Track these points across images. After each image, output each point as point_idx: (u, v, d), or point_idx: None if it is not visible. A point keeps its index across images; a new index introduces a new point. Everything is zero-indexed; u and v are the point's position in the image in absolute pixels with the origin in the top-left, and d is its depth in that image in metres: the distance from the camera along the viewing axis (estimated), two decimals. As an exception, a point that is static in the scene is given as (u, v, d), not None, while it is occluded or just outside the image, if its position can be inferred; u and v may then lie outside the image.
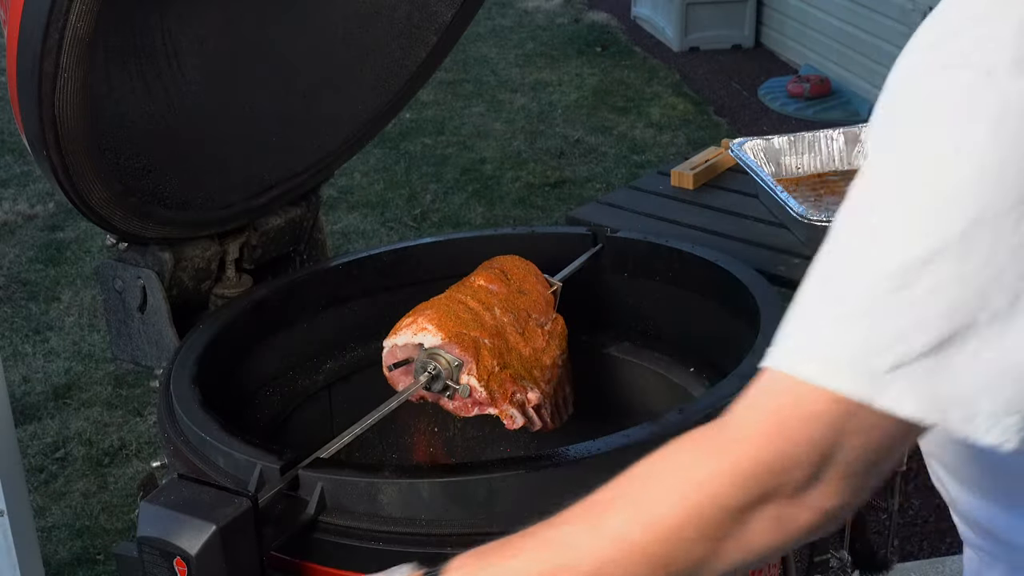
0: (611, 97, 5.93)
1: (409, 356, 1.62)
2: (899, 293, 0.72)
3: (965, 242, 0.70)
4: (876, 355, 0.74)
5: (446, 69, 5.64)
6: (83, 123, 1.47)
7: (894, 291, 0.72)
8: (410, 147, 5.35)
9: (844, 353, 0.75)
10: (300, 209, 1.96)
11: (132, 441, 3.29)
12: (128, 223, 1.66)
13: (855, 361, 0.75)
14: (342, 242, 4.40)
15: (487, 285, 1.70)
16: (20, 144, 1.70)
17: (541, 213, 4.70)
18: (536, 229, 2.11)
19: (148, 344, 1.77)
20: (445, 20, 1.94)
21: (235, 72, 1.82)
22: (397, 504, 1.31)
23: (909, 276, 0.72)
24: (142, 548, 1.23)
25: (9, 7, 1.39)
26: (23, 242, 4.48)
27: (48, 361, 3.69)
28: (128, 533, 2.90)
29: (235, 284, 1.87)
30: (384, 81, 1.97)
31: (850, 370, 0.75)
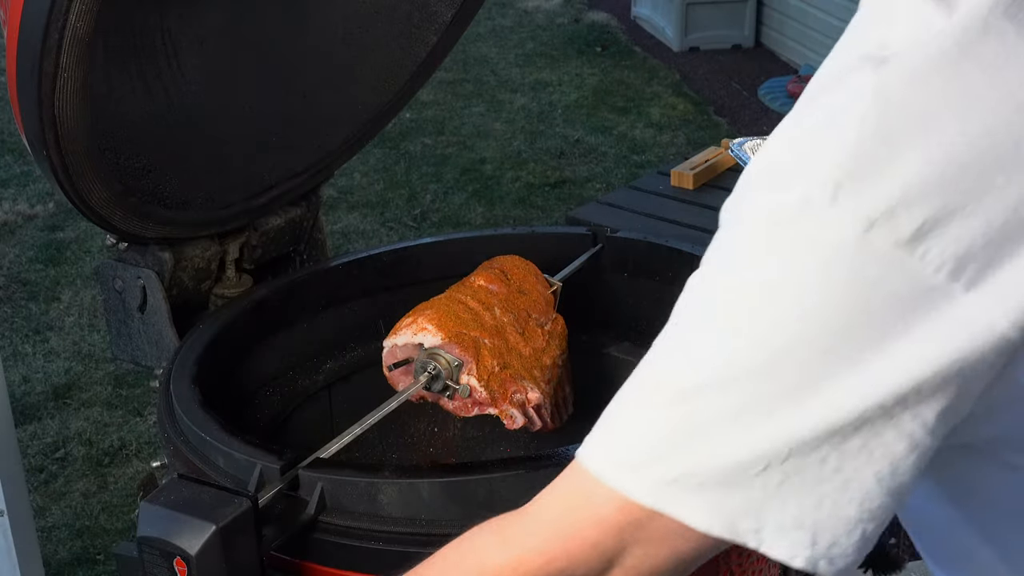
0: (611, 97, 5.93)
1: (409, 356, 1.62)
2: (695, 409, 0.71)
3: (768, 370, 0.69)
4: (667, 464, 0.72)
5: (446, 69, 5.64)
6: (83, 123, 1.47)
7: (691, 406, 0.71)
8: (410, 147, 5.35)
9: (636, 457, 0.73)
10: (300, 209, 1.96)
11: (132, 441, 3.29)
12: (128, 223, 1.66)
13: (645, 467, 0.73)
14: (342, 242, 4.40)
15: (487, 285, 1.70)
16: (20, 144, 1.70)
17: (541, 213, 4.70)
18: (536, 229, 2.11)
19: (148, 344, 1.77)
20: (445, 20, 1.94)
21: (235, 72, 1.82)
22: (397, 504, 1.31)
23: (707, 395, 0.70)
24: (142, 548, 1.23)
25: (9, 7, 1.39)
26: (23, 242, 4.49)
27: (48, 361, 3.69)
28: (128, 533, 2.90)
29: (235, 284, 1.87)
30: (384, 81, 1.97)
31: (640, 475, 0.73)
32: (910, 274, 0.66)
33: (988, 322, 0.67)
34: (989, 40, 0.66)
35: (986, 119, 0.66)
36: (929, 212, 0.65)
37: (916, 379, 0.67)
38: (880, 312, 0.67)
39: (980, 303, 0.66)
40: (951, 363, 0.67)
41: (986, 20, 0.67)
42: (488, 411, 1.59)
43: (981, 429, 0.75)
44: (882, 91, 0.67)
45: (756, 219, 0.70)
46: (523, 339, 1.65)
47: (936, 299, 0.66)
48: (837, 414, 0.68)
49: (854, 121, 0.67)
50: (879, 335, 0.67)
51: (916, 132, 0.66)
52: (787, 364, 0.68)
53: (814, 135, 0.69)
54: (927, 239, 0.65)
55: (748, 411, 0.69)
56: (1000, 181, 0.65)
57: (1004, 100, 0.66)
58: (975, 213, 0.65)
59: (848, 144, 0.66)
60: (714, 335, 0.71)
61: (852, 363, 0.68)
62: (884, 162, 0.66)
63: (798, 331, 0.68)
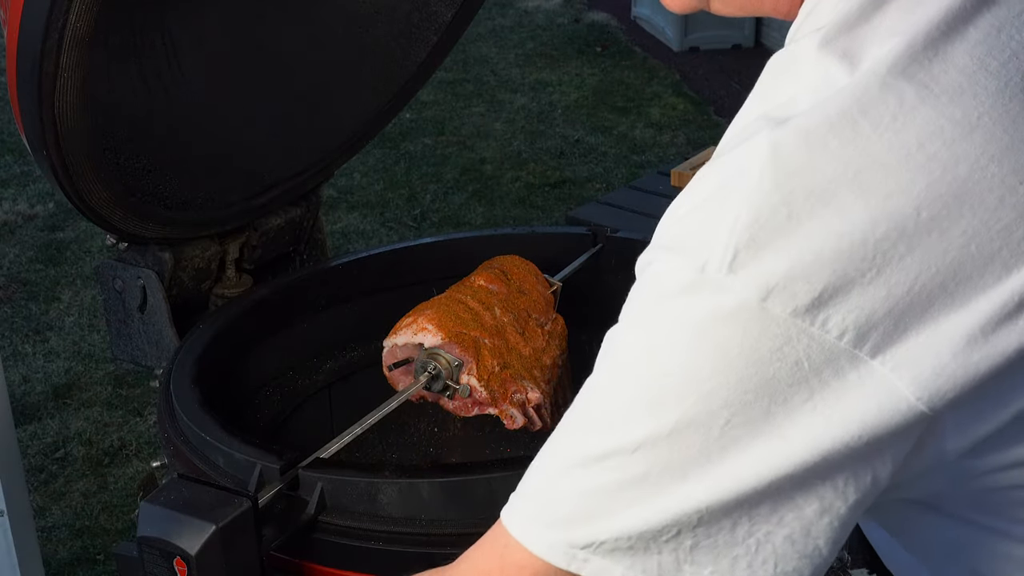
0: (611, 97, 5.92)
1: (409, 356, 1.62)
2: (606, 475, 0.71)
3: (673, 439, 0.68)
4: (581, 529, 0.72)
5: (446, 69, 5.64)
6: (83, 123, 1.47)
7: (602, 472, 0.71)
8: (410, 147, 5.35)
9: (551, 520, 0.73)
10: (300, 209, 1.96)
11: (132, 441, 3.29)
12: (128, 223, 1.66)
13: (560, 530, 0.73)
14: (342, 242, 4.40)
15: (487, 285, 1.70)
16: (20, 144, 1.70)
17: (541, 213, 4.70)
18: (536, 229, 2.11)
19: (148, 344, 1.77)
20: (445, 20, 1.94)
21: (235, 72, 1.82)
22: (397, 504, 1.31)
23: (616, 461, 0.70)
24: (142, 548, 1.23)
25: (9, 7, 1.39)
26: (23, 242, 4.48)
27: (48, 361, 3.69)
28: (128, 533, 2.90)
29: (235, 284, 1.87)
30: (384, 81, 1.97)
31: (554, 539, 0.73)
32: (811, 342, 0.65)
33: (894, 391, 0.66)
34: (888, 100, 0.65)
35: (885, 184, 0.64)
36: (828, 281, 0.64)
37: (824, 449, 0.67)
38: (783, 381, 0.66)
39: (886, 372, 0.65)
40: (860, 433, 0.66)
41: (884, 80, 0.65)
42: (488, 411, 1.59)
43: (912, 491, 0.75)
44: (779, 154, 0.65)
45: (658, 284, 0.69)
46: (523, 339, 1.65)
47: (842, 367, 0.65)
48: (745, 482, 0.68)
49: (751, 186, 0.66)
50: (784, 404, 0.66)
51: (814, 199, 0.64)
52: (691, 433, 0.68)
53: (713, 200, 0.67)
54: (826, 307, 0.64)
55: (656, 478, 0.69)
56: (901, 249, 0.64)
57: (902, 164, 0.64)
58: (875, 282, 0.64)
59: (745, 211, 0.65)
60: (621, 402, 0.71)
61: (757, 432, 0.67)
62: (781, 230, 0.64)
63: (700, 401, 0.67)
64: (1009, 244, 0.65)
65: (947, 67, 0.66)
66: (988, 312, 0.65)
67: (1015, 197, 0.65)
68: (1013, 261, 0.65)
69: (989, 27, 0.67)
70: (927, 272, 0.64)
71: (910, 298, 0.64)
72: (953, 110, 0.65)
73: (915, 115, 0.65)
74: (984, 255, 0.65)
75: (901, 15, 0.68)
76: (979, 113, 0.65)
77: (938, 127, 0.65)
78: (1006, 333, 0.65)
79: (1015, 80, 0.66)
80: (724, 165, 0.68)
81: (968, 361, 0.65)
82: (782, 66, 0.72)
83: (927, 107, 0.65)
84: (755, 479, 0.67)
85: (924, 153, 0.64)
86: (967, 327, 0.65)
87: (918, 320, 0.65)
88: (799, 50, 0.70)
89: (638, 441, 0.69)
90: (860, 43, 0.68)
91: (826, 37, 0.69)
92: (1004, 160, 0.65)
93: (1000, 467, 0.72)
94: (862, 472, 0.68)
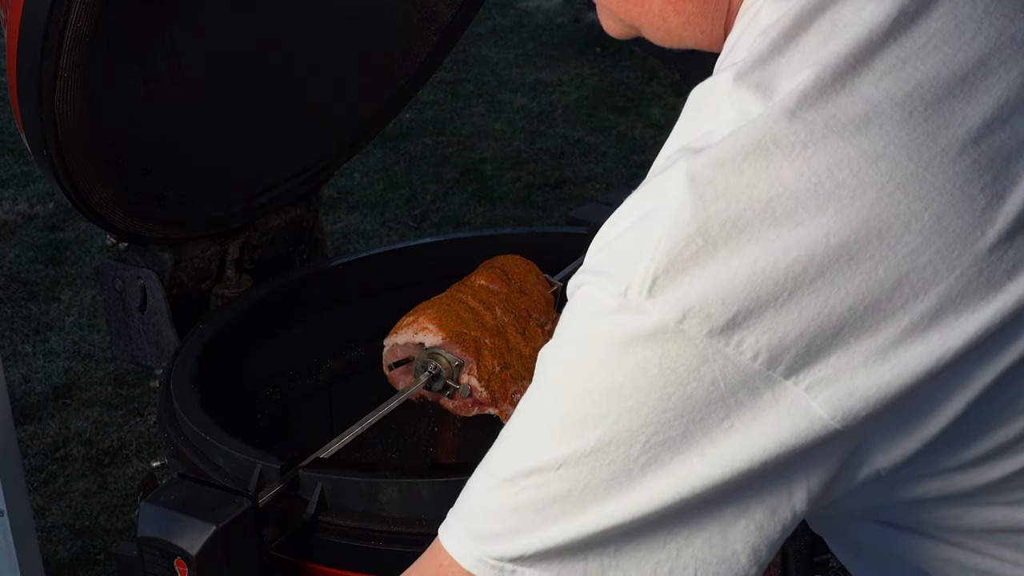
0: (611, 97, 5.92)
1: (409, 355, 1.62)
2: (532, 490, 0.73)
3: (595, 457, 0.70)
4: (508, 543, 0.74)
5: (446, 69, 5.63)
6: (83, 123, 1.47)
7: (528, 487, 0.73)
8: (410, 147, 5.35)
9: (481, 534, 0.75)
10: (300, 209, 1.96)
11: (132, 441, 3.29)
12: (128, 223, 1.66)
13: (489, 544, 0.75)
14: (342, 242, 4.40)
15: (488, 285, 1.70)
16: (20, 144, 1.70)
17: (541, 213, 4.70)
18: (536, 229, 2.11)
19: (148, 344, 1.77)
20: (445, 20, 1.94)
21: (235, 72, 1.82)
22: (397, 504, 1.31)
23: (541, 476, 0.72)
24: (142, 548, 1.23)
25: (9, 7, 1.39)
26: (23, 242, 4.48)
27: (48, 361, 3.69)
28: (128, 533, 2.90)
29: (235, 284, 1.87)
30: (384, 81, 1.97)
31: (484, 552, 0.75)
32: (726, 363, 0.67)
33: (809, 411, 0.68)
34: (798, 130, 0.67)
35: (795, 213, 0.66)
36: (741, 304, 0.66)
37: (742, 467, 0.69)
38: (700, 401, 0.68)
39: (800, 392, 0.68)
40: (777, 451, 0.68)
41: (794, 111, 0.68)
42: (488, 411, 1.59)
43: (854, 505, 0.77)
44: (696, 183, 0.68)
45: (585, 306, 0.72)
46: (523, 339, 1.65)
47: (757, 388, 0.68)
48: (666, 498, 0.70)
49: (670, 215, 0.68)
50: (701, 423, 0.68)
51: (729, 226, 0.67)
52: (613, 451, 0.70)
53: (636, 228, 0.70)
54: (740, 329, 0.67)
55: (580, 495, 0.71)
56: (811, 274, 0.66)
57: (812, 192, 0.66)
58: (787, 305, 0.66)
59: (664, 239, 0.68)
60: (547, 420, 0.73)
61: (677, 450, 0.69)
62: (697, 256, 0.67)
63: (621, 419, 0.69)
64: (916, 268, 0.67)
65: (855, 98, 0.68)
66: (896, 333, 0.67)
67: (920, 223, 0.67)
68: (920, 284, 0.67)
69: (895, 59, 0.70)
70: (837, 296, 0.67)
71: (820, 321, 0.67)
72: (860, 139, 0.67)
73: (824, 145, 0.67)
74: (892, 279, 0.67)
75: (812, 49, 0.70)
76: (885, 142, 0.68)
77: (846, 156, 0.67)
78: (916, 352, 0.67)
79: (919, 109, 0.69)
80: (646, 195, 0.71)
81: (880, 380, 0.67)
82: (701, 99, 0.74)
83: (835, 137, 0.67)
84: (676, 495, 0.70)
85: (833, 181, 0.67)
86: (877, 347, 0.67)
87: (830, 342, 0.67)
88: (716, 84, 0.73)
89: (562, 458, 0.71)
90: (773, 76, 0.70)
91: (740, 71, 0.71)
92: (909, 187, 0.67)
93: (933, 479, 0.75)
94: (781, 490, 0.71)
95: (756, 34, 0.73)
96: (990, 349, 0.69)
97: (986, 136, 0.69)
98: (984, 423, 0.72)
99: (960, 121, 0.69)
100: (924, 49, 0.70)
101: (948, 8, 0.71)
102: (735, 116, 0.70)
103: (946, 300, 0.67)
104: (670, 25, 0.84)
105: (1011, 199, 0.69)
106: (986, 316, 0.68)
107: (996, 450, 0.73)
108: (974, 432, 0.73)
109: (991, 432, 0.73)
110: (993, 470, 0.74)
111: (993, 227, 0.68)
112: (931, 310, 0.67)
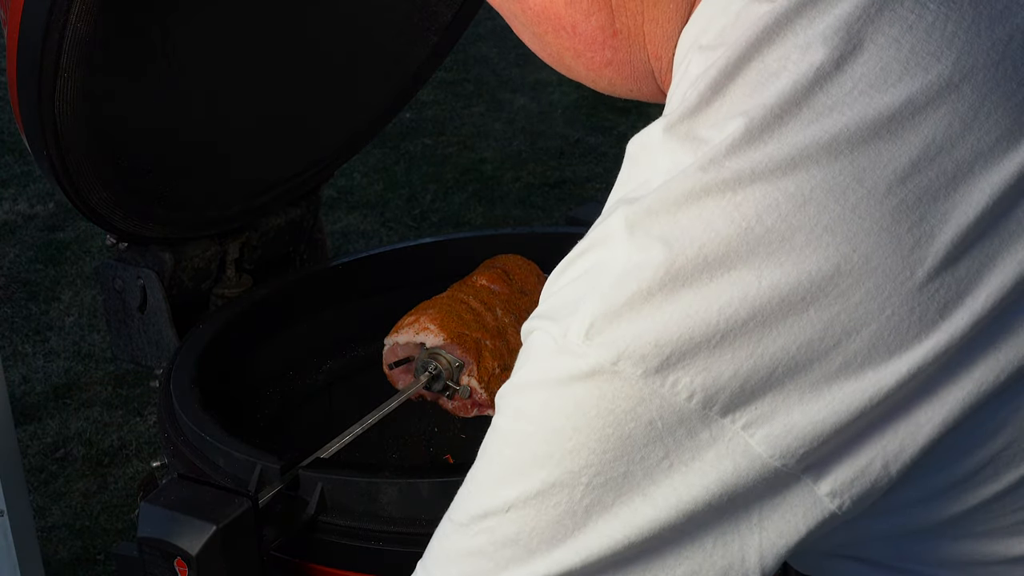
0: (611, 97, 5.92)
1: (410, 355, 1.62)
2: (483, 535, 0.74)
3: (539, 502, 0.71)
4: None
5: (446, 69, 5.64)
6: (83, 123, 1.47)
7: (480, 531, 0.74)
8: (410, 147, 5.35)
9: (455, 561, 0.77)
10: (300, 209, 1.96)
11: (132, 441, 3.29)
12: (128, 223, 1.66)
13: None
14: (342, 242, 4.40)
15: (489, 285, 1.70)
16: (20, 144, 1.71)
17: (541, 213, 4.70)
18: (536, 229, 2.11)
19: (148, 344, 1.77)
20: (445, 20, 1.94)
21: (235, 72, 1.81)
22: (397, 504, 1.31)
23: (491, 521, 0.74)
24: (142, 548, 1.23)
25: (9, 7, 1.39)
26: (23, 242, 4.48)
27: (48, 361, 3.69)
28: (128, 533, 2.90)
29: (235, 284, 1.87)
30: (384, 81, 1.97)
31: None
32: (662, 403, 0.68)
33: (748, 450, 0.68)
34: (727, 178, 0.68)
35: (727, 258, 0.67)
36: (675, 346, 0.67)
37: (687, 508, 0.69)
38: (639, 441, 0.69)
39: (737, 430, 0.68)
40: (720, 492, 0.69)
41: (722, 162, 0.69)
42: (487, 413, 1.59)
43: (826, 544, 0.77)
44: (633, 231, 0.69)
45: (532, 350, 0.73)
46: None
47: (694, 427, 0.68)
48: (613, 542, 0.71)
49: (608, 262, 0.70)
50: (641, 463, 0.69)
51: (662, 272, 0.68)
52: (556, 494, 0.71)
53: (579, 276, 0.72)
54: (675, 370, 0.67)
55: (527, 539, 0.72)
56: (743, 315, 0.67)
57: (742, 237, 0.68)
58: (720, 347, 0.67)
59: (601, 284, 0.69)
60: (497, 463, 0.74)
61: (619, 492, 0.70)
62: (631, 302, 0.68)
63: (562, 461, 0.70)
64: (847, 309, 0.68)
65: (781, 145, 0.69)
66: (829, 371, 0.68)
67: (849, 264, 0.68)
68: (852, 325, 0.68)
69: (821, 106, 0.70)
70: (769, 337, 0.68)
71: (754, 361, 0.68)
72: (787, 184, 0.68)
73: (752, 191, 0.68)
74: (823, 320, 0.68)
75: (739, 100, 0.72)
76: (811, 186, 0.68)
77: (774, 201, 0.68)
78: (850, 390, 0.68)
79: (844, 152, 0.69)
80: (590, 244, 0.73)
81: (815, 418, 0.68)
82: (637, 151, 0.76)
83: (763, 183, 0.68)
84: (623, 539, 0.70)
85: (762, 226, 0.68)
86: (811, 384, 0.68)
87: (765, 381, 0.68)
88: (649, 136, 0.75)
89: (510, 501, 0.73)
90: (701, 127, 0.72)
91: (670, 123, 0.73)
92: (836, 230, 0.68)
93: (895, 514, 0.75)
94: (730, 531, 0.71)
95: (687, 87, 0.75)
96: (929, 390, 0.70)
97: (912, 176, 0.70)
98: (944, 457, 0.73)
99: (886, 162, 0.69)
100: (850, 95, 0.71)
101: (873, 52, 0.72)
102: (668, 166, 0.71)
103: (878, 340, 0.68)
104: (602, 86, 0.89)
105: (940, 237, 0.69)
106: (918, 355, 0.68)
107: (954, 484, 0.74)
108: (935, 466, 0.73)
109: (951, 466, 0.73)
110: (953, 505, 0.75)
111: (923, 266, 0.68)
112: (863, 349, 0.68)
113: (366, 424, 1.46)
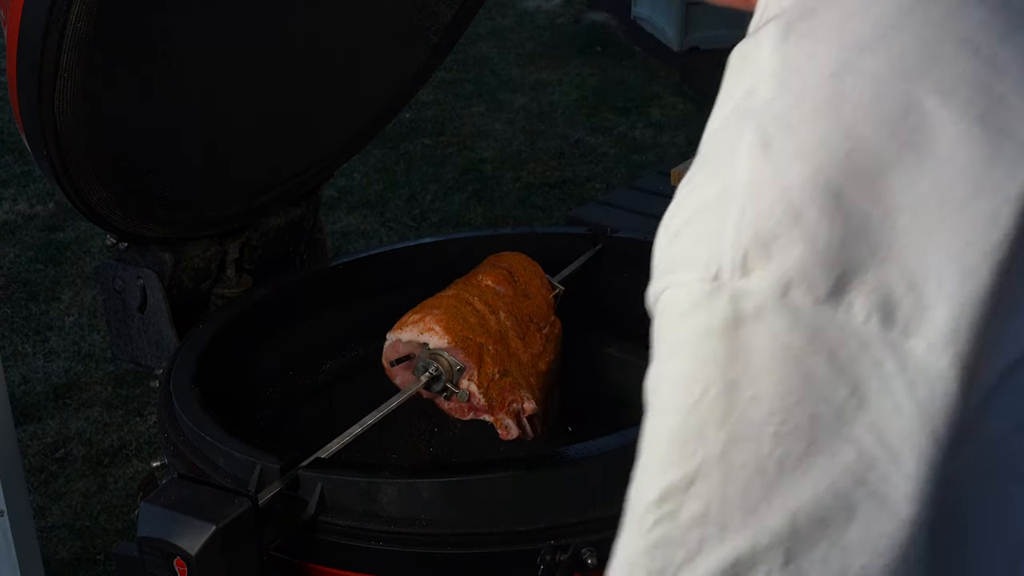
0: (611, 97, 5.92)
1: (411, 352, 1.62)
2: (662, 524, 0.67)
3: (723, 463, 0.64)
4: (661, 572, 0.68)
5: (446, 69, 5.63)
6: (83, 123, 1.47)
7: (658, 520, 0.67)
8: (410, 147, 5.35)
9: (639, 563, 0.69)
10: (300, 209, 1.96)
11: (132, 441, 3.29)
12: (128, 223, 1.66)
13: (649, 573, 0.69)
14: (342, 242, 4.40)
15: (495, 286, 1.69)
16: (20, 144, 1.71)
17: (541, 213, 4.70)
18: (536, 229, 2.11)
19: (148, 344, 1.77)
20: (445, 20, 1.94)
21: (235, 72, 1.81)
22: (397, 504, 1.31)
23: (669, 504, 0.66)
24: (142, 548, 1.23)
25: (9, 7, 1.39)
26: (23, 242, 4.48)
27: (48, 361, 3.69)
28: (128, 533, 2.89)
29: (235, 284, 1.87)
30: (384, 81, 1.97)
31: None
32: (842, 329, 0.62)
33: (939, 370, 0.62)
34: (861, 69, 0.65)
35: (880, 164, 0.62)
36: (842, 265, 0.62)
37: (884, 444, 0.63)
38: (823, 380, 0.62)
39: (924, 349, 0.62)
40: (921, 421, 0.62)
41: (855, 63, 0.66)
42: (483, 417, 1.59)
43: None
44: (767, 146, 0.64)
45: (673, 308, 0.66)
46: (523, 344, 1.65)
47: (878, 353, 0.62)
48: (815, 492, 0.63)
49: (744, 184, 0.64)
50: (828, 403, 0.63)
51: (810, 187, 0.62)
52: (742, 452, 0.64)
53: (708, 208, 0.65)
54: (847, 291, 0.62)
55: (717, 512, 0.65)
56: (903, 222, 0.62)
57: (891, 137, 0.63)
58: (888, 259, 0.62)
59: (745, 211, 0.63)
60: (667, 441, 0.67)
61: (812, 437, 0.63)
62: (784, 222, 0.62)
63: (744, 414, 0.64)
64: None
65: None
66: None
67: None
68: None
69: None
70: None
71: (924, 268, 0.62)
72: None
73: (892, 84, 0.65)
74: None
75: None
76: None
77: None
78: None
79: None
80: (707, 176, 0.67)
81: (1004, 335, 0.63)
82: (743, 57, 0.71)
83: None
84: (827, 488, 0.63)
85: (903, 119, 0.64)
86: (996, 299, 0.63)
87: (936, 289, 0.62)
88: (760, 39, 0.70)
89: (691, 474, 0.66)
90: (818, 27, 0.68)
91: (788, 23, 0.69)
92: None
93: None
94: (938, 460, 0.64)
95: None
96: None
97: None
98: None
99: None
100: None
101: None
102: (780, 70, 0.66)
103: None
104: None
105: None
106: None
107: None
108: None
109: None
110: None
111: None
112: None
113: (366, 424, 1.46)
